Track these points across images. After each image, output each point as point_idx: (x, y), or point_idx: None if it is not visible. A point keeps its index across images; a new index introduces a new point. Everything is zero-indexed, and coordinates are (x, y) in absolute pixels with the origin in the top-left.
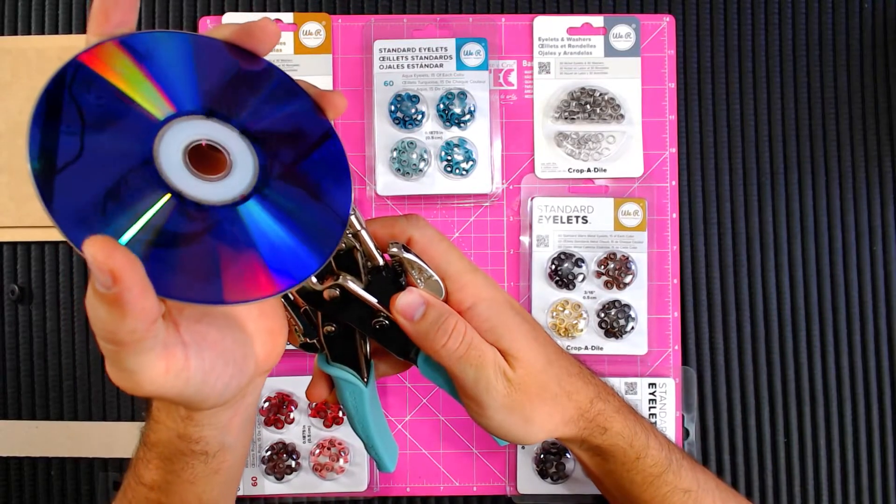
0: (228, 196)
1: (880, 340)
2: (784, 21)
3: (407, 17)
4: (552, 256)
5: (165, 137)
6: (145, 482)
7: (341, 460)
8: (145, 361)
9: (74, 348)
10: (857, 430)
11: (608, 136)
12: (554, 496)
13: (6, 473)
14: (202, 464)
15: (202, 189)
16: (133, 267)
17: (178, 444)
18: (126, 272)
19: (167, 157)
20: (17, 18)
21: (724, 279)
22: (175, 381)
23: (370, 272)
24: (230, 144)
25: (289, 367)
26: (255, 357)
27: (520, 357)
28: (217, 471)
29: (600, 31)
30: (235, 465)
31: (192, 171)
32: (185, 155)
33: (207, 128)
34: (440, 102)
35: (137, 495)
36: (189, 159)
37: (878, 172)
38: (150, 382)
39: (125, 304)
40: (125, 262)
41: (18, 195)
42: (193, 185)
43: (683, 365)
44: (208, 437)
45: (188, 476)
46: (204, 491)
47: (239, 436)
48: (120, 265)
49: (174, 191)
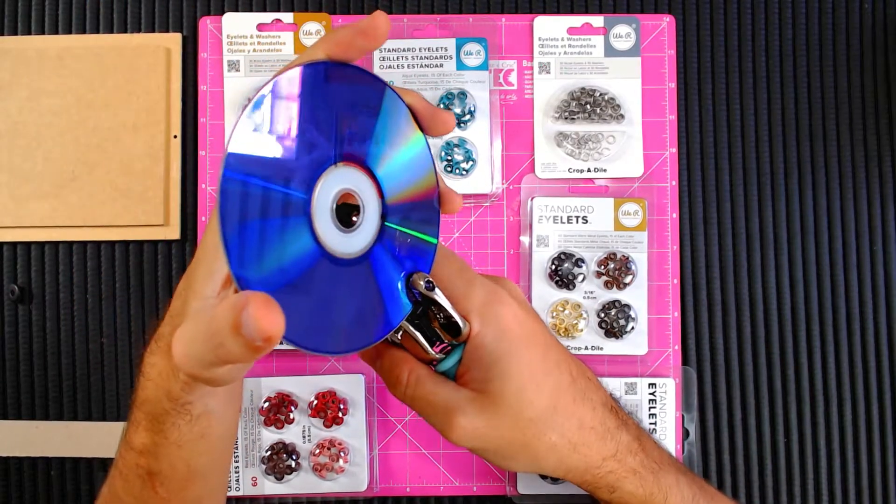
0: (356, 249)
1: (880, 340)
2: (784, 21)
3: (407, 17)
4: (552, 256)
5: (323, 185)
6: (135, 447)
7: (341, 460)
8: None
9: (74, 348)
10: (857, 430)
11: (608, 136)
12: (554, 496)
13: (6, 473)
14: (187, 424)
15: (340, 241)
16: (280, 330)
17: (164, 402)
18: (277, 336)
19: (320, 207)
20: (17, 18)
21: (724, 279)
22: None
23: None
24: (368, 203)
25: (289, 367)
26: None
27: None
28: (202, 435)
29: (600, 31)
30: (224, 437)
31: (336, 223)
32: (333, 206)
33: (353, 176)
34: (440, 102)
35: (128, 462)
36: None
37: (878, 172)
38: (210, 375)
39: (262, 352)
40: (280, 327)
41: (18, 195)
42: (334, 237)
43: (683, 365)
44: (192, 399)
45: (175, 438)
46: (191, 457)
47: (224, 404)
48: (276, 332)
49: (320, 243)
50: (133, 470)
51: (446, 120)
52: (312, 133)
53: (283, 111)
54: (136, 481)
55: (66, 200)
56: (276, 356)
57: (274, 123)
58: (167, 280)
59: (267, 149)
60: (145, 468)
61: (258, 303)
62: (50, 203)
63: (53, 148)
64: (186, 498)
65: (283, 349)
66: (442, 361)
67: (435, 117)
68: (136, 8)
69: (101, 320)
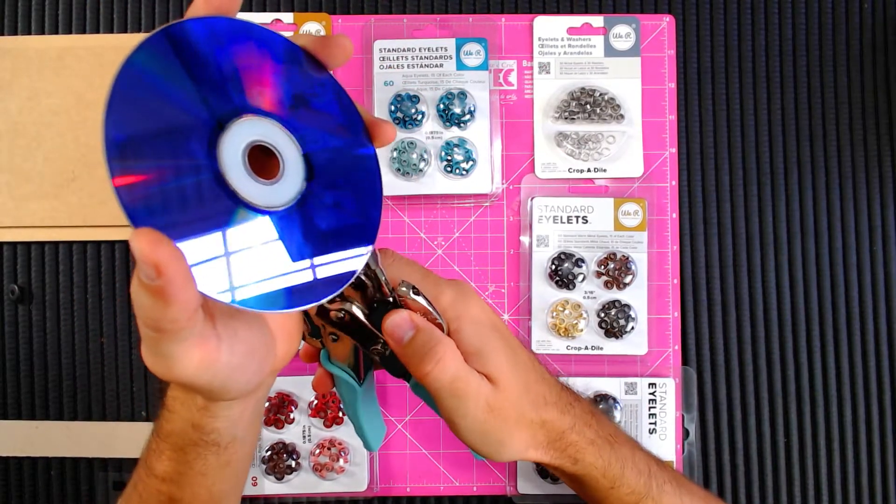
0: (275, 202)
1: (880, 340)
2: (784, 21)
3: (407, 17)
4: (552, 256)
5: (233, 130)
6: (157, 474)
7: (341, 460)
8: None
9: (74, 348)
10: (857, 430)
11: (608, 136)
12: (554, 496)
13: (6, 473)
14: (214, 455)
15: (255, 191)
16: (177, 260)
17: (191, 434)
18: (170, 266)
19: (229, 156)
20: (17, 18)
21: (724, 279)
22: (206, 372)
23: (376, 302)
24: (285, 151)
25: (289, 368)
26: (276, 356)
27: (500, 383)
28: (228, 463)
29: (600, 31)
30: (244, 458)
31: (249, 172)
32: (245, 155)
33: (268, 129)
34: (440, 102)
35: (149, 488)
36: (248, 159)
37: (878, 172)
38: (182, 369)
39: (168, 296)
40: (170, 255)
41: (18, 195)
42: (249, 186)
43: (683, 365)
44: (221, 428)
45: (200, 467)
46: (214, 483)
47: (248, 429)
48: (164, 259)
49: (231, 190)
50: (154, 496)
51: (341, 43)
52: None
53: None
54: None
55: (66, 200)
56: None
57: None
58: None
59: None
60: (167, 495)
61: (139, 233)
62: (50, 203)
63: (53, 148)
64: None
65: None
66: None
67: (328, 46)
68: (136, 8)
69: (101, 320)
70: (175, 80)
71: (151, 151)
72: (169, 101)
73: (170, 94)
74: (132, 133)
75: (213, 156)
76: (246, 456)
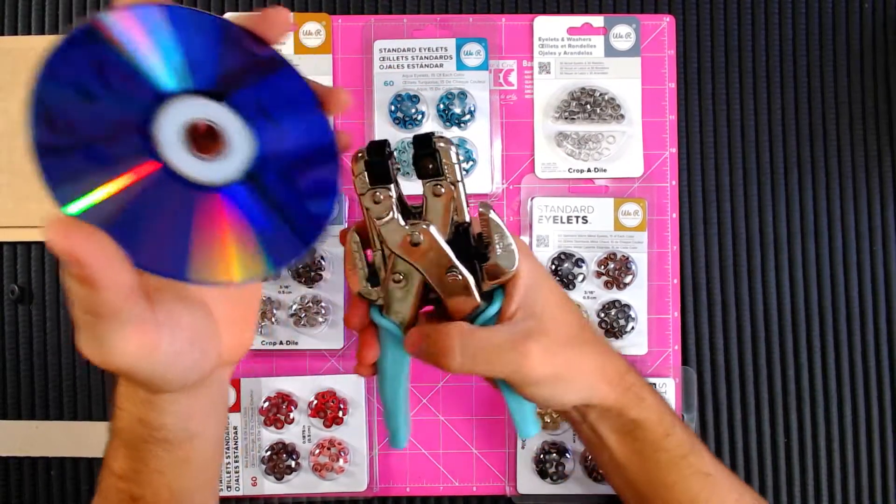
0: (217, 178)
1: (880, 340)
2: (784, 21)
3: (407, 17)
4: (552, 256)
5: (169, 110)
6: (115, 472)
7: (341, 460)
8: (119, 335)
9: (74, 348)
10: (857, 430)
11: (608, 136)
12: (554, 496)
13: (6, 473)
14: (166, 452)
15: (193, 166)
16: (97, 246)
17: (139, 430)
18: (89, 254)
19: (166, 130)
20: (18, 18)
21: (724, 279)
22: (145, 359)
23: (455, 226)
24: (230, 128)
25: (289, 368)
26: (221, 346)
27: (553, 321)
28: (186, 460)
29: (600, 31)
30: (208, 455)
31: (188, 147)
32: (184, 131)
33: (212, 109)
34: (440, 102)
35: (110, 487)
36: (190, 137)
37: (878, 172)
38: (120, 356)
39: (95, 281)
40: (86, 243)
41: (18, 195)
42: (185, 160)
43: (683, 365)
44: (169, 424)
45: (155, 465)
46: (174, 481)
47: (205, 425)
48: (80, 247)
49: (164, 161)
50: (115, 495)
51: (277, 13)
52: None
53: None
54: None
55: None
56: (275, 356)
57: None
58: None
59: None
60: (127, 493)
61: (52, 224)
62: (50, 203)
63: None
64: None
65: (283, 349)
66: (485, 310)
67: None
68: None
69: None
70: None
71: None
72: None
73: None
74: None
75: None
76: (209, 453)
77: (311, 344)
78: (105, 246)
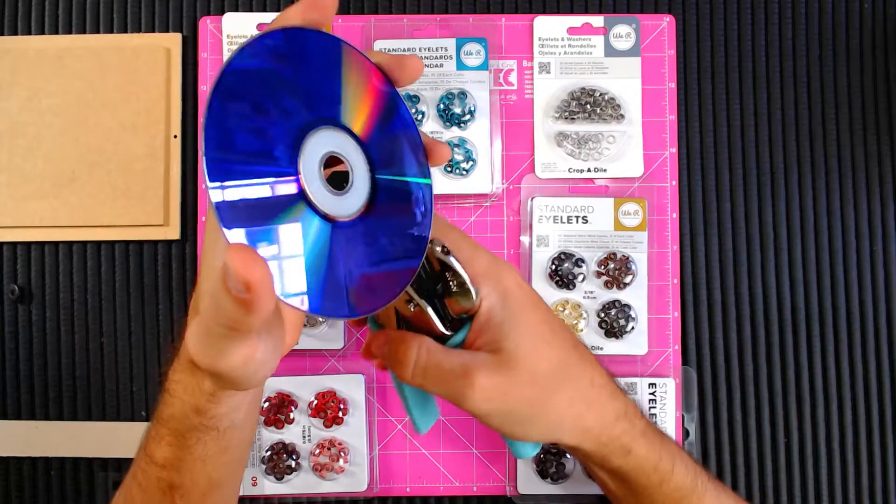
0: (344, 213)
1: (880, 340)
2: (784, 21)
3: (407, 17)
4: (552, 256)
5: (310, 143)
6: (157, 461)
7: (341, 460)
8: (236, 347)
9: (74, 348)
10: (857, 430)
11: (608, 136)
12: (554, 496)
13: (6, 473)
14: (213, 440)
15: (334, 203)
16: (266, 278)
17: (192, 418)
18: (260, 284)
19: (308, 165)
20: (18, 18)
21: (724, 279)
22: (244, 367)
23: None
24: (355, 162)
25: (289, 367)
26: (285, 348)
27: (522, 358)
28: (226, 449)
29: (600, 31)
30: (242, 445)
31: (324, 183)
32: (320, 168)
33: (335, 138)
34: (440, 102)
35: (148, 476)
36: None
37: (878, 172)
38: (227, 363)
39: (253, 307)
40: (262, 275)
41: (18, 195)
42: (327, 199)
43: (683, 365)
44: (222, 413)
45: (200, 453)
46: (214, 469)
47: (247, 416)
48: (257, 278)
49: (311, 202)
50: (154, 483)
51: (414, 65)
52: (286, 102)
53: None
54: (155, 493)
55: (66, 200)
56: None
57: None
58: (167, 280)
59: (244, 128)
60: (167, 481)
61: (235, 250)
62: (50, 203)
63: (53, 148)
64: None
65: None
66: (452, 337)
67: (402, 65)
68: (136, 8)
69: (101, 320)
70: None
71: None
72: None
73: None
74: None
75: (296, 163)
76: (244, 443)
77: (311, 344)
78: (270, 279)
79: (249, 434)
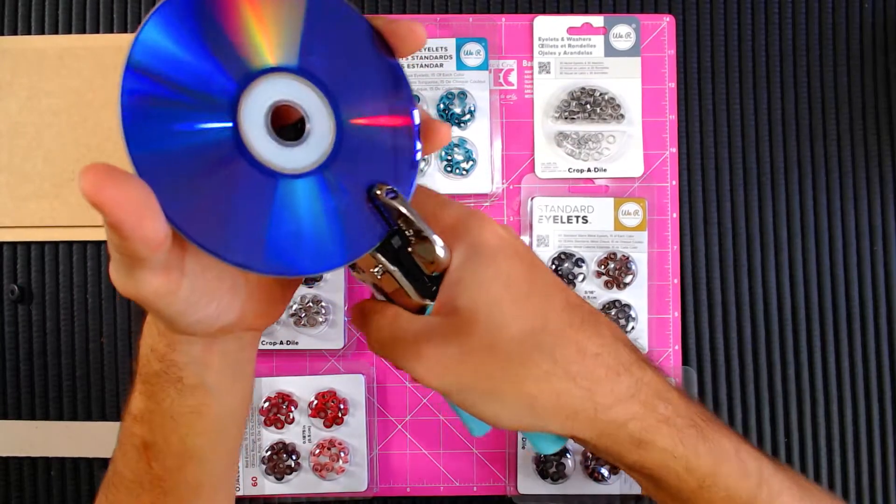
0: (291, 166)
1: (880, 340)
2: (784, 21)
3: (407, 16)
4: (552, 256)
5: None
6: (131, 411)
7: (341, 460)
8: (143, 274)
9: (74, 348)
10: (857, 429)
11: (608, 136)
12: (554, 496)
13: (6, 473)
14: (178, 394)
15: (273, 152)
16: (128, 196)
17: (153, 363)
18: (116, 204)
19: (250, 114)
20: (18, 18)
21: (724, 279)
22: (162, 299)
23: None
24: (315, 116)
25: (289, 367)
26: (243, 310)
27: (480, 321)
28: (198, 412)
29: (600, 30)
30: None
31: (270, 133)
32: (268, 116)
33: (298, 90)
34: (440, 102)
35: (125, 431)
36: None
37: (879, 172)
38: (140, 290)
39: (121, 231)
40: (117, 191)
41: (18, 195)
42: (267, 146)
43: (683, 365)
44: (181, 363)
45: (167, 405)
46: (188, 435)
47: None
48: (109, 196)
49: (248, 151)
50: (129, 439)
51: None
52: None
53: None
54: (132, 452)
55: (66, 200)
56: (275, 356)
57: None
58: None
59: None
60: (140, 437)
61: (86, 169)
62: (50, 203)
63: (53, 148)
64: (182, 480)
65: (283, 349)
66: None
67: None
68: (136, 8)
69: (101, 320)
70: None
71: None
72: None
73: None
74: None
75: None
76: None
77: (312, 344)
78: (138, 197)
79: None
